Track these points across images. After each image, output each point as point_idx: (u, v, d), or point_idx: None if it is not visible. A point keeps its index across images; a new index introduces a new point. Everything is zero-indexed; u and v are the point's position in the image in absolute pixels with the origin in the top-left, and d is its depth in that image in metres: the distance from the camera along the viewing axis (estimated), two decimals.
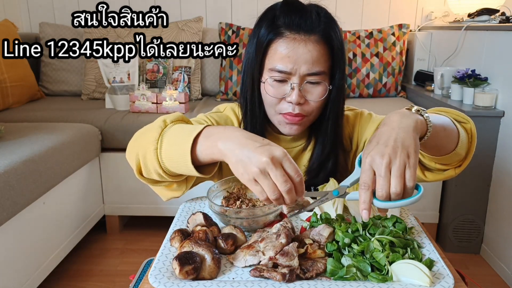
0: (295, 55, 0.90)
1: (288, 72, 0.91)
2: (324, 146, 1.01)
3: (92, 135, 2.10)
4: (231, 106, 1.08)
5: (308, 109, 0.95)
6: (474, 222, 2.09)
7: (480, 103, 1.97)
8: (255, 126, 1.00)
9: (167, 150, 0.78)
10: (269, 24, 0.93)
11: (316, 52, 0.90)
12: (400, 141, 0.69)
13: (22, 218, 1.56)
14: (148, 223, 2.41)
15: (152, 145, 0.79)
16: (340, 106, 0.99)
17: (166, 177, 0.81)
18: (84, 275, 1.96)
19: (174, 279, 0.69)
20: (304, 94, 0.93)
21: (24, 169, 1.53)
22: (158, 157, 0.78)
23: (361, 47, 2.64)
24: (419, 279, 0.66)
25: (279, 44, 0.91)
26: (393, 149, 0.68)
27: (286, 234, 0.73)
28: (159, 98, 2.26)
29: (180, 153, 0.76)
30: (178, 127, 0.80)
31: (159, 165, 0.79)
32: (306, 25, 0.90)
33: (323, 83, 0.93)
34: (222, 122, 1.04)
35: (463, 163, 0.91)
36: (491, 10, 2.27)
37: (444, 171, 0.92)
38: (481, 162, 2.01)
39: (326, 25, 0.92)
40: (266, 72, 0.94)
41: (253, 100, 0.98)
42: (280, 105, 0.95)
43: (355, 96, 2.68)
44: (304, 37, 0.90)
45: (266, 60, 0.94)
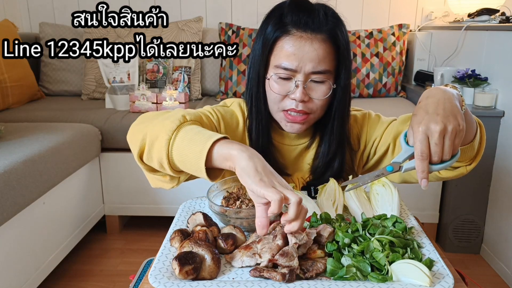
0: (301, 53, 0.90)
1: (293, 70, 0.91)
2: (330, 145, 1.01)
3: (92, 135, 2.10)
4: (238, 102, 1.08)
5: (312, 107, 0.95)
6: (474, 222, 2.09)
7: (480, 103, 1.97)
8: (260, 122, 1.01)
9: (181, 145, 0.77)
10: (276, 21, 0.93)
11: (322, 50, 0.91)
12: (449, 109, 0.72)
13: (22, 218, 1.56)
14: (148, 223, 2.41)
15: (166, 134, 0.78)
16: (346, 105, 1.00)
17: (168, 170, 0.80)
18: (84, 275, 1.96)
19: (174, 279, 0.69)
20: (308, 92, 0.93)
21: (24, 169, 1.53)
22: (169, 148, 0.78)
23: (361, 47, 2.64)
24: (419, 279, 0.66)
25: (285, 41, 0.92)
26: (445, 117, 0.71)
27: (282, 235, 0.73)
28: (159, 98, 2.26)
29: (197, 150, 0.75)
30: (198, 127, 0.81)
31: (166, 156, 0.78)
32: (313, 24, 0.91)
33: (328, 82, 0.94)
34: (228, 117, 1.03)
35: (474, 161, 0.91)
36: (491, 10, 2.27)
37: (456, 168, 0.93)
38: (481, 162, 1.98)
39: (333, 25, 0.92)
40: (272, 69, 0.95)
41: (258, 97, 0.99)
42: (283, 102, 0.95)
43: (355, 96, 2.68)
44: (311, 36, 0.91)
45: (272, 57, 0.95)
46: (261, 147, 1.01)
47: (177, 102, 2.25)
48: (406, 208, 0.96)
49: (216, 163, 0.75)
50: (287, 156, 1.06)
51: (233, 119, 1.04)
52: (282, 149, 1.06)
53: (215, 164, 0.76)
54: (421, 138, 0.71)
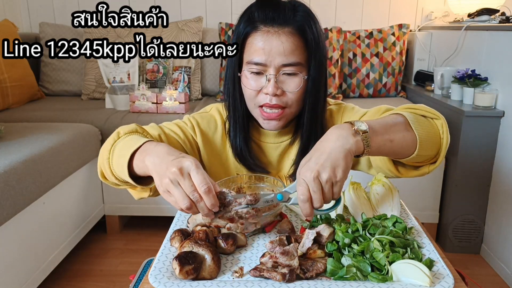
0: (269, 47, 0.93)
1: (264, 64, 0.94)
2: (308, 139, 1.02)
3: (92, 135, 2.10)
4: (216, 106, 1.12)
5: (286, 100, 0.97)
6: (474, 222, 2.09)
7: (480, 103, 1.97)
8: (237, 120, 1.03)
9: (116, 161, 0.85)
10: (246, 19, 0.97)
11: (289, 43, 0.93)
12: (331, 160, 0.74)
13: (22, 218, 1.56)
14: (148, 223, 2.41)
15: (105, 155, 0.87)
16: (320, 98, 1.00)
17: (122, 184, 0.89)
18: (84, 275, 1.96)
19: (174, 279, 0.69)
20: (281, 86, 0.95)
21: (24, 169, 1.53)
22: (110, 167, 0.86)
23: (361, 47, 2.64)
24: (419, 279, 0.66)
25: (254, 37, 0.95)
26: (323, 168, 0.73)
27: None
28: (159, 98, 2.26)
29: (122, 165, 0.82)
30: (128, 139, 0.87)
31: (111, 173, 0.86)
32: (279, 18, 0.94)
33: (300, 75, 0.96)
34: (204, 123, 1.07)
35: (437, 159, 0.89)
36: (491, 10, 2.27)
37: (418, 168, 0.91)
38: (481, 162, 2.01)
39: (301, 18, 0.95)
40: (244, 65, 0.98)
41: (235, 95, 1.02)
42: (258, 98, 0.98)
43: (355, 96, 2.68)
44: (278, 30, 0.93)
45: (244, 54, 0.98)
46: (239, 145, 1.03)
47: (177, 102, 2.25)
48: (406, 208, 0.96)
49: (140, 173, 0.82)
50: (271, 154, 1.08)
51: (210, 124, 1.08)
52: (265, 148, 1.08)
53: (140, 174, 0.82)
54: (301, 183, 0.74)
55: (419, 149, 0.83)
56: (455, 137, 2.01)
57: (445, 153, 0.88)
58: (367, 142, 0.78)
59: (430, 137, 0.86)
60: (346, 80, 2.65)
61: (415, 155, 0.84)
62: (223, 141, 1.08)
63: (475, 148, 2.00)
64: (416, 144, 0.83)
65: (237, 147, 1.03)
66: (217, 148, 1.08)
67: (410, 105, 0.92)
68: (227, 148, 1.07)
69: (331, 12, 2.89)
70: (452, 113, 2.04)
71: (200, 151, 1.06)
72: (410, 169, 0.92)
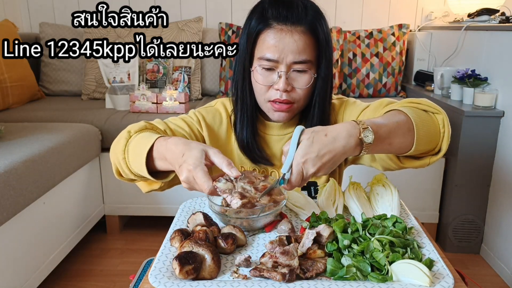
0: (282, 45, 0.95)
1: (276, 61, 0.96)
2: None
3: (92, 135, 2.10)
4: (221, 101, 1.14)
5: (296, 96, 1.00)
6: (474, 222, 2.10)
7: (480, 103, 1.97)
8: (245, 113, 1.06)
9: (132, 160, 0.89)
10: (259, 16, 0.98)
11: (301, 42, 0.95)
12: (330, 164, 0.78)
13: (22, 218, 1.56)
14: (148, 223, 2.41)
15: (121, 155, 0.91)
16: (327, 94, 1.04)
17: (139, 178, 0.93)
18: (84, 275, 1.96)
19: (174, 279, 0.69)
20: (291, 82, 0.98)
21: (24, 169, 1.53)
22: (128, 165, 0.90)
23: (361, 47, 2.64)
24: (419, 279, 0.66)
25: (267, 34, 0.97)
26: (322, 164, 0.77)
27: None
28: (159, 98, 2.26)
29: (140, 163, 0.86)
30: (139, 138, 0.90)
31: (130, 171, 0.90)
32: (292, 17, 0.96)
33: (309, 72, 0.98)
34: (210, 116, 1.10)
35: (439, 153, 0.91)
36: (491, 10, 2.27)
37: (419, 159, 0.93)
38: (481, 162, 2.01)
39: (312, 17, 0.97)
40: (256, 61, 1.00)
41: (244, 89, 1.04)
42: (268, 93, 1.00)
43: (355, 96, 2.68)
44: (291, 28, 0.95)
45: (255, 50, 1.00)
46: (246, 138, 1.05)
47: (177, 102, 2.25)
48: (406, 208, 0.96)
49: (159, 168, 0.87)
50: (275, 146, 1.10)
51: (215, 118, 1.11)
52: (269, 140, 1.10)
53: (160, 168, 0.87)
54: (299, 172, 0.78)
55: (416, 145, 0.85)
56: (455, 137, 2.01)
57: (447, 145, 0.90)
58: (366, 150, 0.80)
59: (429, 134, 0.87)
60: (346, 80, 2.65)
61: (413, 150, 0.86)
62: (228, 134, 1.11)
63: (475, 148, 2.00)
64: (413, 141, 0.85)
65: (243, 139, 1.06)
66: (222, 141, 1.10)
67: (413, 99, 0.93)
68: (232, 141, 1.10)
69: (331, 12, 2.89)
70: (452, 113, 2.04)
71: (206, 144, 1.06)
72: (412, 160, 0.93)
